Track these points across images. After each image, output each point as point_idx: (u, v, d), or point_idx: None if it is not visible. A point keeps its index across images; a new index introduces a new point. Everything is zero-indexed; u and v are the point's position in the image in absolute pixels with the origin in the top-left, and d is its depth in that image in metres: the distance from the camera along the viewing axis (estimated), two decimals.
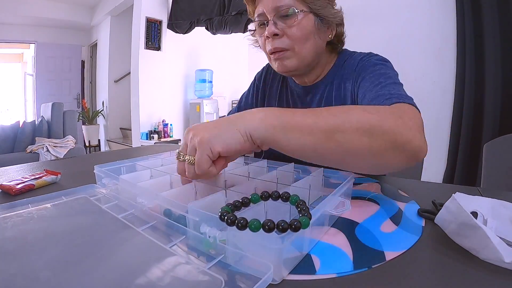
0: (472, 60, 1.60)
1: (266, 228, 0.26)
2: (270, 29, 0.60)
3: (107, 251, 0.30)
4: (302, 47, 0.62)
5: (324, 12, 0.62)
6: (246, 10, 0.71)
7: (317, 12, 0.61)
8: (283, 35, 0.61)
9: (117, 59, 4.67)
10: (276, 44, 0.61)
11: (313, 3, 0.60)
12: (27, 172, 0.70)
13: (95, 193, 0.46)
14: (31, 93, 5.23)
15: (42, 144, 2.94)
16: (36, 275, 0.25)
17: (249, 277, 0.26)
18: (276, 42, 0.61)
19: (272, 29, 0.60)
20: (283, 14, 0.60)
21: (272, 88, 0.83)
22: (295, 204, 0.33)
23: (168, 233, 0.34)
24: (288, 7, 0.59)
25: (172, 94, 4.00)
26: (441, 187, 0.59)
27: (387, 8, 1.90)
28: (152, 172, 0.51)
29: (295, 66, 0.64)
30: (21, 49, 5.57)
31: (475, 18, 1.57)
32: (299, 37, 0.61)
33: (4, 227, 0.34)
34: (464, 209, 0.32)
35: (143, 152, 1.08)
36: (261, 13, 0.62)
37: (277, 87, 0.82)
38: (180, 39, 3.89)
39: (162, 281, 0.25)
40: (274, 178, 0.47)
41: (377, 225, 0.38)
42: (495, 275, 0.27)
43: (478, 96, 1.59)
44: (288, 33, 0.61)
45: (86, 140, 4.59)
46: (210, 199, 0.36)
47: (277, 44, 0.61)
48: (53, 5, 4.56)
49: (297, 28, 0.60)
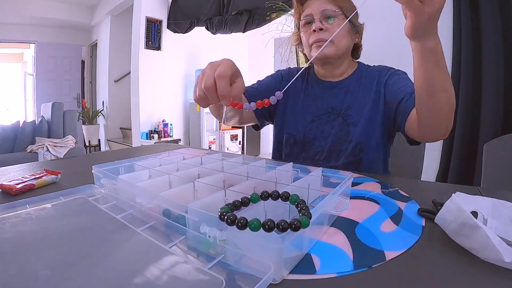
0: (469, 59, 1.59)
1: (266, 228, 0.26)
2: (318, 25, 0.77)
3: (106, 251, 0.30)
4: (340, 40, 0.79)
5: (355, 20, 0.81)
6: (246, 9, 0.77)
7: (351, 20, 0.78)
8: (326, 30, 0.77)
9: (117, 59, 4.67)
10: (320, 36, 0.77)
11: (348, 12, 0.78)
12: (27, 172, 0.70)
13: (93, 193, 0.46)
14: (31, 93, 5.22)
15: (42, 144, 2.93)
16: (35, 275, 0.25)
17: (249, 277, 0.26)
18: (321, 34, 0.77)
19: (319, 25, 0.77)
20: (328, 15, 0.78)
21: (297, 84, 0.93)
22: (295, 204, 0.33)
23: (167, 233, 0.34)
24: (332, 10, 0.77)
25: (172, 94, 3.99)
26: (441, 186, 0.59)
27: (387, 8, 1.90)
28: (150, 172, 0.50)
29: (331, 54, 0.79)
30: (21, 49, 5.56)
31: (472, 16, 1.56)
32: (339, 33, 0.77)
33: (2, 228, 0.34)
34: (464, 209, 0.31)
35: (143, 152, 1.08)
36: (309, 14, 0.79)
37: (302, 84, 0.93)
38: (180, 39, 3.88)
39: (162, 282, 0.25)
40: (273, 178, 0.47)
41: (377, 225, 0.38)
42: (495, 275, 0.27)
43: (475, 95, 1.58)
44: (330, 29, 0.78)
45: (86, 140, 4.59)
46: (209, 199, 0.35)
47: (321, 36, 0.77)
48: (53, 5, 4.56)
49: (338, 26, 0.76)
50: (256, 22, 2.92)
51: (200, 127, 3.83)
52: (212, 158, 0.61)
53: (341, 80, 0.86)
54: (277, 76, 0.96)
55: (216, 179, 0.46)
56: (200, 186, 0.42)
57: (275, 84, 0.93)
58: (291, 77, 0.92)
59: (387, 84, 0.78)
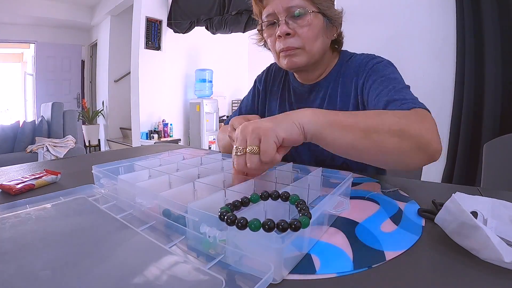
0: (472, 60, 1.59)
1: (266, 228, 0.26)
2: (283, 29, 0.63)
3: (106, 251, 0.30)
4: (312, 46, 0.65)
5: (330, 12, 0.65)
6: (246, 9, 0.73)
7: (324, 12, 0.64)
8: (295, 34, 0.64)
9: (117, 59, 4.67)
10: (288, 43, 0.64)
11: (321, 4, 0.63)
12: (27, 172, 0.70)
13: (93, 193, 0.46)
14: (31, 93, 5.22)
15: (42, 144, 2.93)
16: (35, 275, 0.25)
17: (249, 277, 0.26)
18: (289, 41, 0.64)
19: (285, 29, 0.63)
20: (295, 15, 0.62)
21: (273, 88, 0.85)
22: (295, 204, 0.33)
23: (167, 233, 0.34)
24: (300, 8, 0.62)
25: (172, 93, 4.00)
26: (441, 187, 0.59)
27: (387, 8, 1.90)
28: (150, 172, 0.50)
29: (304, 63, 0.66)
30: (21, 49, 5.56)
31: (475, 18, 1.57)
32: (310, 36, 0.64)
33: (2, 228, 0.34)
34: (464, 209, 0.31)
35: (143, 152, 1.08)
36: (271, 13, 0.64)
37: (278, 88, 0.84)
38: (180, 38, 3.89)
39: (162, 281, 0.25)
40: (273, 178, 0.47)
41: (377, 225, 0.38)
42: (495, 275, 0.27)
43: (478, 96, 1.59)
44: (299, 32, 0.63)
45: (86, 140, 4.59)
46: (209, 199, 0.35)
47: (289, 43, 0.64)
48: (53, 5, 4.56)
49: (309, 28, 0.63)
50: (256, 22, 2.91)
51: (200, 127, 3.83)
52: (212, 158, 0.61)
53: (319, 81, 0.74)
54: (253, 92, 0.90)
55: (216, 179, 0.46)
56: (200, 186, 0.42)
57: (253, 105, 0.88)
58: (269, 77, 0.86)
59: (364, 89, 0.65)
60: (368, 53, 0.72)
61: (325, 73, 0.74)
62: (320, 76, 0.75)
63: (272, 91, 0.84)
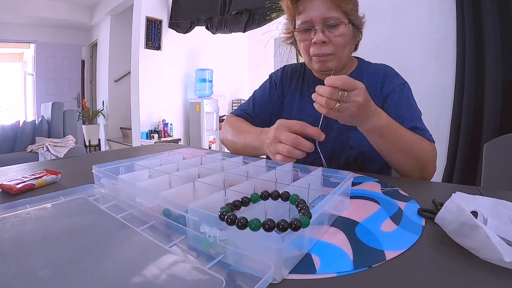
0: (472, 59, 1.59)
1: (266, 228, 0.26)
2: (319, 37, 0.69)
3: (106, 251, 0.30)
4: (342, 52, 0.73)
5: (358, 21, 0.74)
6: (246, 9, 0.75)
7: (353, 22, 0.72)
8: (329, 43, 0.71)
9: (117, 59, 4.67)
10: (323, 50, 0.71)
11: (352, 15, 0.71)
12: (27, 171, 0.70)
13: (93, 193, 0.46)
14: (31, 93, 5.22)
15: (42, 143, 2.94)
16: (35, 275, 0.25)
17: (249, 276, 0.26)
18: (323, 48, 0.71)
19: (321, 37, 0.69)
20: (332, 25, 0.69)
21: (291, 85, 0.89)
22: (295, 204, 0.33)
23: (167, 233, 0.34)
24: (336, 19, 0.69)
25: (172, 93, 4.00)
26: (441, 186, 0.59)
27: (387, 8, 1.90)
28: (150, 172, 0.50)
29: (335, 66, 0.74)
30: (21, 48, 5.56)
31: (475, 17, 1.57)
32: (342, 44, 0.71)
33: (2, 227, 0.34)
34: (464, 209, 0.31)
35: (143, 151, 1.08)
36: (308, 20, 0.70)
37: (297, 85, 0.88)
38: (180, 38, 3.89)
39: (162, 281, 0.25)
40: (273, 178, 0.47)
41: (377, 225, 0.38)
42: (495, 274, 0.27)
43: (478, 95, 1.59)
44: (333, 41, 0.71)
45: (86, 140, 4.59)
46: (209, 199, 0.35)
47: (324, 50, 0.71)
48: (53, 5, 4.56)
49: (342, 37, 0.70)
50: (256, 22, 2.92)
51: (200, 127, 3.83)
52: (212, 158, 0.61)
53: None
54: (270, 85, 0.91)
55: (216, 179, 0.46)
56: (200, 186, 0.42)
57: (270, 97, 0.89)
58: (285, 76, 0.89)
59: (389, 101, 0.73)
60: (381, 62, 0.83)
61: (345, 72, 0.81)
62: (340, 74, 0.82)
63: (290, 88, 0.89)
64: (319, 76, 0.84)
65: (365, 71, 0.80)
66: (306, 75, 0.88)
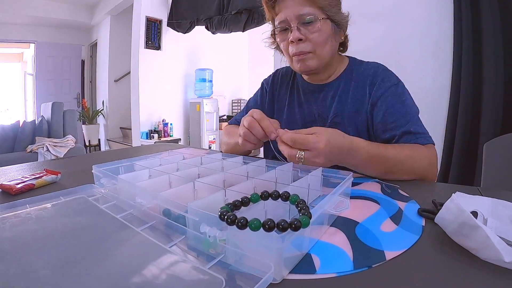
0: (469, 59, 1.59)
1: (266, 228, 0.26)
2: (295, 35, 0.68)
3: (106, 251, 0.30)
4: (322, 50, 0.70)
5: (338, 17, 0.70)
6: (246, 9, 0.75)
7: (332, 18, 0.69)
8: (306, 40, 0.69)
9: (117, 59, 4.67)
10: (300, 48, 0.69)
11: (329, 10, 0.68)
12: (27, 171, 0.70)
13: (93, 193, 0.46)
14: (31, 93, 5.22)
15: (42, 143, 2.93)
16: (35, 275, 0.25)
17: (249, 276, 0.26)
18: (300, 46, 0.69)
19: (297, 35, 0.68)
20: (306, 21, 0.67)
21: (281, 91, 0.89)
22: (295, 204, 0.33)
23: (167, 233, 0.34)
24: (311, 15, 0.67)
25: (172, 93, 3.99)
26: (441, 186, 0.59)
27: (385, 8, 1.90)
28: (150, 172, 0.50)
29: (316, 66, 0.72)
30: (21, 48, 5.56)
31: (473, 17, 1.57)
32: (320, 41, 0.69)
33: (2, 227, 0.34)
34: (464, 209, 0.31)
35: (143, 151, 1.08)
36: (283, 20, 0.69)
37: (286, 90, 0.87)
38: (180, 38, 3.88)
39: (162, 281, 0.25)
40: (273, 178, 0.47)
41: (377, 225, 0.38)
42: (495, 275, 0.27)
43: (475, 95, 1.58)
44: (310, 38, 0.68)
45: (86, 140, 4.59)
46: (209, 199, 0.35)
47: (301, 48, 0.69)
48: (53, 5, 4.56)
49: (319, 33, 0.68)
50: (256, 21, 2.92)
51: (200, 126, 3.83)
52: (212, 158, 0.61)
53: (329, 82, 0.78)
54: (261, 92, 0.93)
55: (216, 179, 0.46)
56: (200, 186, 0.42)
57: (262, 104, 0.91)
58: (275, 82, 0.90)
59: (379, 105, 0.69)
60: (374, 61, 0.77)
61: (334, 75, 0.78)
62: (330, 77, 0.78)
63: (280, 94, 0.88)
64: (307, 79, 0.82)
65: (355, 71, 0.76)
66: (296, 79, 0.87)
